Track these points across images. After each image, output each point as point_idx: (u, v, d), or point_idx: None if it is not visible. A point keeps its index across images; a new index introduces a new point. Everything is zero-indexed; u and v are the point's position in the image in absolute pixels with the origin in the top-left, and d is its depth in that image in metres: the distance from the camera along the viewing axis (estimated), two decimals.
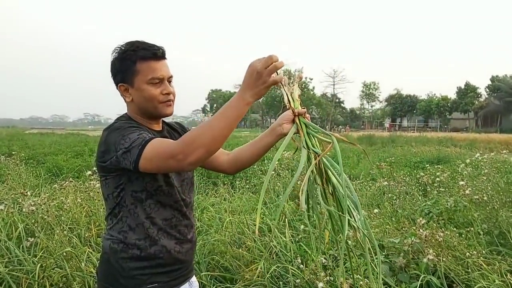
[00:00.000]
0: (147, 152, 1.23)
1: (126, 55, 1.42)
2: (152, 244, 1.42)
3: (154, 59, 1.42)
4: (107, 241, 1.44)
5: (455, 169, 6.94)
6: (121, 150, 1.27)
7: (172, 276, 1.47)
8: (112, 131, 1.34)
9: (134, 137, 1.27)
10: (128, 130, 1.31)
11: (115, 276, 1.41)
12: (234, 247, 3.25)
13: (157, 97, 1.43)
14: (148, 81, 1.41)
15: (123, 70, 1.43)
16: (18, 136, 24.07)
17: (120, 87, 1.45)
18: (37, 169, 8.25)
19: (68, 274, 2.79)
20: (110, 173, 1.37)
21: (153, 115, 1.47)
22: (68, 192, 4.60)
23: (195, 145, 1.18)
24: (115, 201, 1.41)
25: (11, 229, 3.63)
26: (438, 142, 20.81)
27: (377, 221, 3.55)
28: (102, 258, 1.47)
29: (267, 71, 1.19)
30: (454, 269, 2.80)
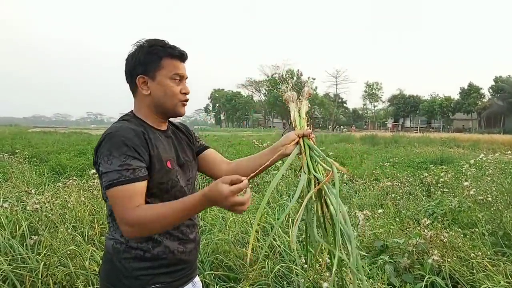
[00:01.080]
0: (110, 193, 1.28)
1: (153, 49, 1.44)
2: (155, 246, 1.41)
3: (179, 59, 1.47)
4: (110, 241, 1.43)
5: (459, 169, 6.92)
6: (101, 167, 1.30)
7: (176, 277, 1.46)
8: (109, 137, 1.32)
9: (115, 166, 1.27)
10: (117, 150, 1.29)
11: (118, 276, 1.40)
12: (237, 247, 3.24)
13: (177, 95, 1.45)
14: (171, 76, 1.44)
15: (147, 63, 1.43)
16: (21, 134, 24.12)
17: (140, 79, 1.44)
18: (40, 168, 8.27)
19: (72, 272, 2.79)
20: None
21: (168, 112, 1.47)
22: (71, 191, 4.61)
23: (144, 228, 1.26)
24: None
25: (14, 227, 3.64)
26: (441, 143, 20.76)
27: (381, 221, 3.54)
28: (104, 258, 1.46)
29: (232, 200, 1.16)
30: (459, 270, 2.79)
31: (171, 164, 1.44)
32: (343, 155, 12.90)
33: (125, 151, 1.29)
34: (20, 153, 7.38)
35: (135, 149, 1.32)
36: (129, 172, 1.27)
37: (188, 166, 1.55)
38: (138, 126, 1.40)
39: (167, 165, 1.43)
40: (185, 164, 1.53)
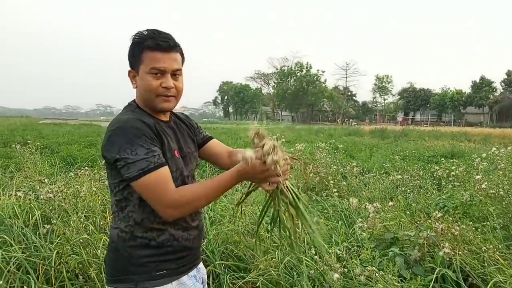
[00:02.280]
0: (144, 181, 1.28)
1: (136, 42, 1.43)
2: (159, 234, 1.44)
3: (158, 50, 1.40)
4: (115, 230, 1.45)
5: (470, 163, 6.85)
6: (123, 160, 1.29)
7: (181, 263, 1.49)
8: (122, 130, 1.32)
9: (141, 155, 1.28)
10: (138, 139, 1.30)
11: (124, 264, 1.42)
12: (247, 237, 3.25)
13: (155, 89, 1.41)
14: (148, 71, 1.40)
15: (132, 56, 1.45)
16: (32, 126, 24.41)
17: (129, 73, 1.47)
18: (51, 158, 8.36)
19: (85, 260, 2.83)
20: (113, 167, 1.37)
21: (151, 107, 1.47)
22: (83, 181, 4.66)
23: (189, 207, 1.32)
24: (122, 194, 1.41)
25: (27, 216, 3.69)
26: (452, 137, 20.55)
27: (391, 214, 3.52)
28: (110, 247, 1.48)
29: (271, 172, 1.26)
30: (469, 263, 2.77)
31: (177, 154, 1.47)
32: (352, 148, 12.84)
33: (145, 140, 1.32)
34: (32, 144, 7.45)
35: (151, 137, 1.35)
36: (156, 158, 1.31)
37: (190, 157, 1.57)
38: (147, 118, 1.42)
39: (175, 154, 1.46)
40: (187, 156, 1.55)
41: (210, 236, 3.22)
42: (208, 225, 3.40)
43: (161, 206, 1.30)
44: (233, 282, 2.75)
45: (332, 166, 6.53)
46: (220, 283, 2.82)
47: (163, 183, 1.29)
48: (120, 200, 1.42)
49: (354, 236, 3.25)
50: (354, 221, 3.58)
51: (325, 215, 4.00)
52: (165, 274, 1.44)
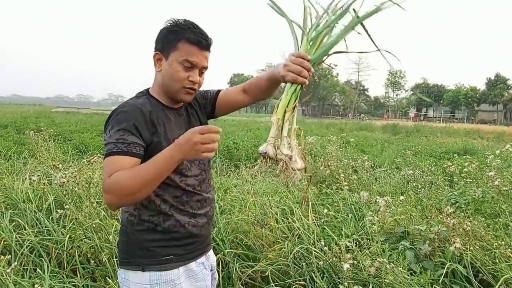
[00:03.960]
0: (104, 163, 1.33)
1: (175, 29, 1.44)
2: (166, 219, 1.45)
3: (197, 45, 1.43)
4: (125, 214, 1.48)
5: (483, 160, 6.77)
6: (104, 139, 1.36)
7: (188, 250, 1.50)
8: (116, 112, 1.38)
9: (112, 139, 1.32)
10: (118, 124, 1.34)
11: (133, 247, 1.45)
12: (257, 227, 3.27)
13: (182, 80, 1.44)
14: (181, 61, 1.42)
15: (166, 41, 1.44)
16: (45, 114, 24.69)
17: (155, 55, 1.47)
18: (64, 146, 8.47)
19: (97, 245, 2.87)
20: None
21: (171, 95, 1.49)
22: (95, 168, 4.71)
23: (120, 191, 1.25)
24: None
25: (41, 201, 3.76)
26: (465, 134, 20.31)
27: (402, 208, 3.50)
28: (121, 230, 1.52)
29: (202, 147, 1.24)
30: (480, 259, 2.75)
31: None
32: (363, 142, 12.77)
33: (125, 126, 1.34)
34: (46, 131, 7.55)
35: (136, 126, 1.35)
36: (124, 146, 1.31)
37: None
38: (147, 105, 1.42)
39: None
40: None
41: (220, 225, 3.24)
42: (218, 214, 3.42)
43: (104, 191, 1.28)
44: (242, 271, 2.77)
45: (343, 159, 6.50)
46: (230, 271, 2.84)
47: (111, 167, 1.28)
48: None
49: (364, 229, 3.24)
50: (364, 215, 3.56)
51: (335, 208, 3.99)
52: (172, 259, 1.45)
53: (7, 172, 5.09)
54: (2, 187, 4.16)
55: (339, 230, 3.29)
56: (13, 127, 13.28)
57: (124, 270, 1.47)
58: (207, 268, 1.60)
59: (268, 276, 2.68)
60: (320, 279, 2.53)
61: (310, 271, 2.67)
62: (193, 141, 1.24)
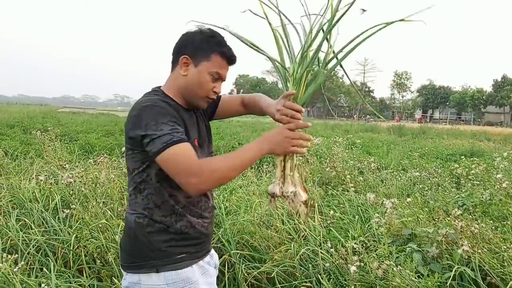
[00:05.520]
0: (168, 153, 1.28)
1: (211, 40, 1.48)
2: (178, 220, 1.46)
3: (228, 61, 1.51)
4: (132, 216, 1.46)
5: (490, 162, 6.72)
6: (149, 136, 1.30)
7: (198, 248, 1.52)
8: (149, 108, 1.35)
9: (166, 131, 1.30)
10: (163, 117, 1.33)
11: (144, 250, 1.43)
12: (263, 228, 3.26)
13: (207, 90, 1.49)
14: (212, 72, 1.47)
15: (199, 48, 1.47)
16: (51, 114, 24.80)
17: (183, 59, 1.47)
18: (70, 146, 8.50)
19: (103, 245, 2.87)
20: (137, 147, 1.38)
21: (191, 100, 1.51)
22: (101, 168, 4.72)
23: (214, 176, 1.27)
24: (140, 177, 1.43)
25: (47, 201, 3.77)
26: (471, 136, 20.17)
27: (409, 211, 3.48)
28: (127, 233, 1.49)
29: (293, 142, 1.37)
30: (488, 262, 2.72)
31: (197, 142, 1.51)
32: (369, 144, 12.72)
33: (170, 118, 1.35)
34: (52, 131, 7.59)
35: (176, 117, 1.38)
36: (180, 134, 1.32)
37: (205, 146, 1.60)
38: (171, 104, 1.44)
39: (195, 143, 1.49)
40: (204, 144, 1.59)
41: (226, 226, 3.23)
42: (224, 215, 3.41)
43: (185, 176, 1.26)
44: (248, 272, 2.76)
45: (348, 161, 6.48)
46: (235, 272, 2.83)
47: (185, 153, 1.29)
48: (139, 183, 1.43)
49: (371, 231, 3.23)
50: (370, 217, 3.54)
51: (341, 209, 3.97)
52: (186, 257, 1.46)
53: (14, 171, 5.12)
54: (9, 187, 4.18)
55: (345, 232, 3.28)
56: (20, 127, 13.36)
57: (132, 275, 1.45)
58: (212, 265, 1.63)
59: (274, 278, 2.67)
60: (327, 281, 2.52)
61: (316, 272, 2.65)
62: (284, 135, 1.36)
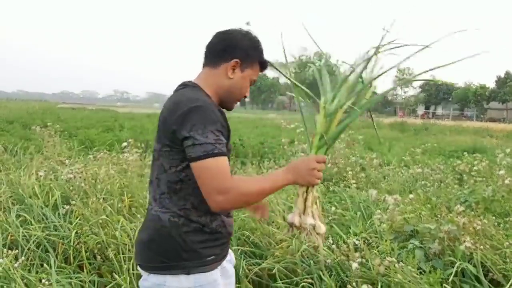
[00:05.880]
0: (205, 163, 1.29)
1: (258, 48, 1.53)
2: (213, 219, 1.44)
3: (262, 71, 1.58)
4: (165, 215, 1.41)
5: (493, 159, 6.69)
6: (192, 138, 1.30)
7: (223, 248, 1.52)
8: (199, 109, 1.33)
9: (210, 140, 1.30)
10: (212, 124, 1.32)
11: (177, 250, 1.40)
12: (264, 225, 3.24)
13: (243, 94, 1.55)
14: (252, 79, 1.54)
15: (248, 55, 1.49)
16: (51, 110, 24.81)
17: (234, 62, 1.47)
18: (70, 141, 8.48)
19: (104, 241, 2.86)
20: (177, 145, 1.35)
21: (226, 102, 1.53)
22: (101, 164, 4.71)
23: (241, 199, 1.33)
24: (177, 176, 1.39)
25: (47, 197, 3.76)
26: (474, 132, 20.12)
27: (411, 207, 3.46)
28: (158, 232, 1.43)
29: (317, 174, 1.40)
30: (491, 258, 2.70)
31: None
32: (370, 140, 12.68)
33: (218, 127, 1.34)
34: (52, 126, 7.58)
35: (223, 127, 1.37)
36: (221, 146, 1.32)
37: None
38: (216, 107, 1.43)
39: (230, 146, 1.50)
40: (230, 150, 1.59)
41: None
42: None
43: (214, 191, 1.29)
44: (249, 268, 2.75)
45: (350, 157, 6.45)
46: (236, 269, 2.81)
47: (221, 169, 1.30)
48: (175, 182, 1.40)
49: (373, 227, 3.21)
50: (372, 213, 3.52)
51: (343, 206, 3.96)
52: (215, 259, 1.46)
53: (13, 167, 5.11)
54: (9, 182, 4.17)
55: (347, 229, 3.26)
56: (19, 122, 13.37)
57: (157, 276, 1.41)
58: (231, 263, 1.65)
59: (275, 274, 2.65)
60: (328, 277, 2.50)
61: (318, 269, 2.64)
62: (311, 167, 1.39)
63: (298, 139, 6.86)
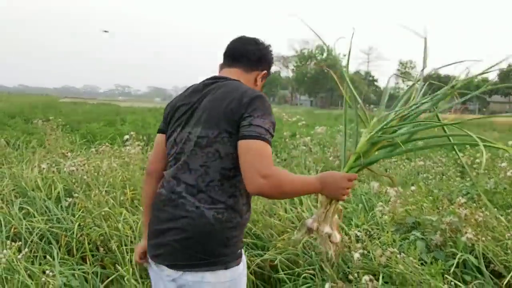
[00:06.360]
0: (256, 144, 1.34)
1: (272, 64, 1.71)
2: (246, 211, 1.50)
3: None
4: (209, 211, 1.40)
5: (495, 152, 6.67)
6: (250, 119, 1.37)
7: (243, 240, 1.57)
8: (263, 98, 1.44)
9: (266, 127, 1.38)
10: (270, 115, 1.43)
11: (219, 246, 1.41)
12: (265, 216, 3.25)
13: None
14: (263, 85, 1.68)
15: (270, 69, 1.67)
16: (53, 104, 24.80)
17: (265, 74, 1.65)
18: (72, 135, 8.49)
19: (106, 233, 2.87)
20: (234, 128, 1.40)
21: None
22: (103, 157, 4.72)
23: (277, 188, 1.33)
24: (232, 163, 1.40)
25: (50, 190, 3.77)
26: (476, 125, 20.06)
27: (413, 199, 3.46)
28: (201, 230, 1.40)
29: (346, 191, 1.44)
30: (492, 249, 2.71)
31: None
32: None
33: (272, 119, 1.43)
34: (54, 120, 7.59)
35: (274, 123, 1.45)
36: (270, 137, 1.38)
37: None
38: None
39: None
40: None
41: None
42: None
43: (257, 172, 1.30)
44: (251, 260, 2.76)
45: None
46: None
47: (269, 155, 1.34)
48: (228, 169, 1.41)
49: (374, 219, 3.21)
50: (374, 205, 3.53)
51: None
52: (241, 252, 1.50)
53: (16, 161, 5.12)
54: (12, 176, 4.18)
55: (348, 221, 3.26)
56: (21, 117, 13.37)
57: (192, 273, 1.40)
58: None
59: (277, 265, 2.67)
60: (330, 268, 2.51)
61: (319, 260, 2.65)
62: (342, 186, 1.42)
63: (300, 132, 6.85)
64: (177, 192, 1.45)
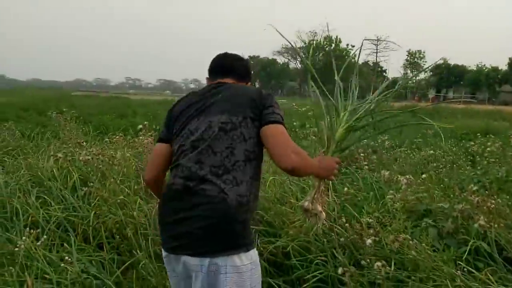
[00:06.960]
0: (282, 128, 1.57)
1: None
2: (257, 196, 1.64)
3: None
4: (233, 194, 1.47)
5: (506, 140, 6.62)
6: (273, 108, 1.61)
7: None
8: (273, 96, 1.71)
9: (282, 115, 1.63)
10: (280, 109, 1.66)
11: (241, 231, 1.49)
12: (277, 205, 3.28)
13: None
14: None
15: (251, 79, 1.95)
16: (65, 97, 25.04)
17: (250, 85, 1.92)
18: (85, 127, 8.59)
19: (122, 220, 2.93)
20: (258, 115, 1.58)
21: None
22: (117, 147, 4.78)
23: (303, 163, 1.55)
24: (253, 147, 1.55)
25: (65, 179, 3.84)
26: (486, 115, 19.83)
27: (424, 186, 3.46)
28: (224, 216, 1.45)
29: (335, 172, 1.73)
30: (505, 236, 2.71)
31: None
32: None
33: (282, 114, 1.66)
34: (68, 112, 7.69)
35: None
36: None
37: None
38: None
39: None
40: None
41: None
42: None
43: (290, 150, 1.51)
44: (264, 247, 2.80)
45: None
46: None
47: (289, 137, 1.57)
48: (251, 151, 1.56)
49: (385, 207, 3.23)
50: (385, 194, 3.54)
51: (355, 187, 3.97)
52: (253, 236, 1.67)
53: (31, 152, 5.21)
54: (28, 166, 4.26)
55: (359, 209, 3.28)
56: (35, 110, 13.54)
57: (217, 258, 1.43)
58: None
59: (289, 252, 2.70)
60: (342, 255, 2.54)
61: (331, 247, 2.68)
62: (333, 167, 1.70)
63: (310, 122, 6.85)
64: (199, 178, 1.49)
